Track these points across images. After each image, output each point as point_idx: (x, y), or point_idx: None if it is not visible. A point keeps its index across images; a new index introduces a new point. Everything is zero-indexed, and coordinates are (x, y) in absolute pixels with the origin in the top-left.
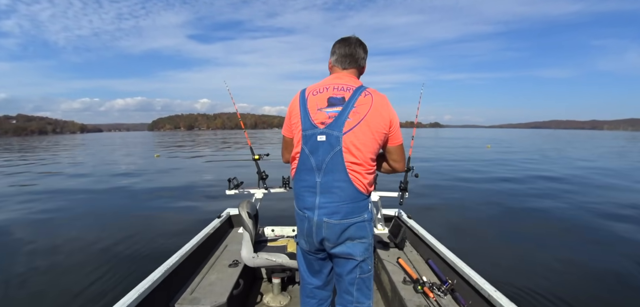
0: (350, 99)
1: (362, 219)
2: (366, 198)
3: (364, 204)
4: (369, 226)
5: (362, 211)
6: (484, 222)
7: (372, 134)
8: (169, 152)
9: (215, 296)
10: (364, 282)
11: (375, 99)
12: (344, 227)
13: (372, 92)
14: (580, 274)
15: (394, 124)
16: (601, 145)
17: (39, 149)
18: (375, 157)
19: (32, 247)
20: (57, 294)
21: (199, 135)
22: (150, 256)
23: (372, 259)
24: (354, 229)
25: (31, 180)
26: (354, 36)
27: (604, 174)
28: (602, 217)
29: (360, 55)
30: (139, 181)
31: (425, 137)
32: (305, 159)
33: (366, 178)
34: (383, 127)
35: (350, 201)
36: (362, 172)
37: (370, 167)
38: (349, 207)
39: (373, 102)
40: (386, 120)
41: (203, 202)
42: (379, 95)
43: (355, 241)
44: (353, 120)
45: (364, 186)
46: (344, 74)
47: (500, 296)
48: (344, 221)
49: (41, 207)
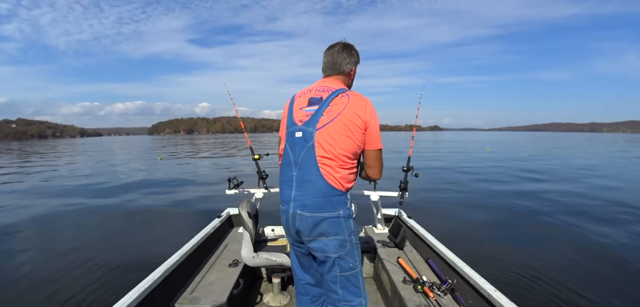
0: (327, 98)
1: (336, 215)
2: (341, 194)
3: (339, 200)
4: (345, 222)
5: (337, 206)
6: (483, 222)
7: (344, 131)
8: (170, 155)
9: (215, 296)
10: (348, 280)
11: (351, 99)
12: (316, 221)
13: (350, 94)
14: (580, 274)
15: (371, 127)
16: (602, 147)
17: (37, 154)
18: (350, 155)
19: (31, 248)
20: (58, 293)
21: (198, 139)
22: (150, 255)
23: (355, 256)
24: (327, 224)
25: (35, 182)
26: (340, 42)
27: (600, 174)
28: (602, 217)
29: (343, 61)
30: (141, 182)
31: (425, 140)
32: (286, 154)
33: (338, 173)
34: (356, 126)
35: (322, 195)
36: (334, 167)
37: (343, 163)
38: (320, 201)
39: (348, 102)
40: (361, 120)
41: (203, 201)
42: (358, 97)
43: (330, 238)
44: (326, 118)
45: (336, 181)
46: (327, 79)
47: (500, 296)
48: (315, 214)
49: (42, 206)
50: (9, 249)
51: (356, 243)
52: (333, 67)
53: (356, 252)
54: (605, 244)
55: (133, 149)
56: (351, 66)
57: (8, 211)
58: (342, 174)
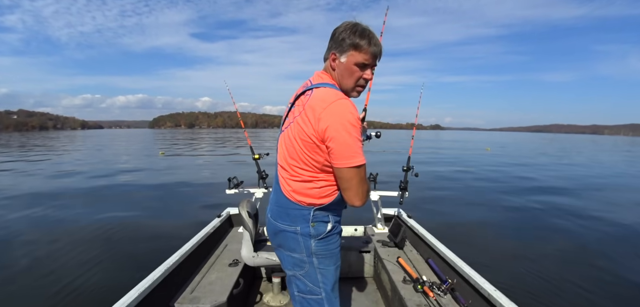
0: (296, 96)
1: (293, 231)
2: (301, 209)
3: (297, 215)
4: (304, 241)
5: (294, 221)
6: (483, 222)
7: (296, 139)
8: (170, 149)
9: (216, 295)
10: (307, 304)
11: (311, 97)
12: (275, 229)
13: (315, 91)
14: (579, 274)
15: (331, 137)
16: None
17: (38, 147)
18: (303, 166)
19: (32, 243)
20: (58, 292)
21: (199, 134)
22: (150, 255)
23: (317, 281)
24: (284, 237)
25: (37, 177)
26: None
27: (602, 176)
28: (602, 219)
29: (328, 47)
30: (143, 178)
31: (425, 139)
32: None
33: (290, 185)
34: (306, 135)
35: (278, 204)
36: (286, 177)
37: (296, 174)
38: (278, 211)
39: (307, 102)
40: (312, 129)
41: (203, 201)
42: (320, 96)
43: (286, 252)
44: (289, 120)
45: (289, 193)
46: (317, 71)
47: (500, 295)
48: (273, 221)
49: (45, 205)
50: (9, 247)
51: (321, 268)
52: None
53: (320, 277)
54: (605, 246)
55: (135, 143)
56: (328, 53)
57: (8, 208)
58: (295, 186)
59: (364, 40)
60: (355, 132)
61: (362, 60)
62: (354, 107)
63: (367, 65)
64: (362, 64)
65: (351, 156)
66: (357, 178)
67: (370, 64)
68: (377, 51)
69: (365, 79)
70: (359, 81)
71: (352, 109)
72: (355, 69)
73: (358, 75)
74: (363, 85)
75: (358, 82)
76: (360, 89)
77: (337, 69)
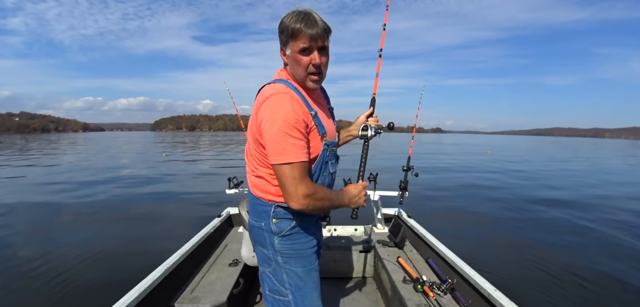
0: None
1: (259, 226)
2: (264, 204)
3: (262, 210)
4: (269, 236)
5: (259, 216)
6: (484, 222)
7: (249, 136)
8: (172, 152)
9: (216, 295)
10: (277, 304)
11: (259, 94)
12: (250, 224)
13: (263, 88)
14: (579, 273)
15: (264, 131)
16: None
17: (35, 151)
18: (259, 164)
19: (32, 245)
20: (58, 290)
21: (200, 136)
22: (150, 255)
23: (283, 281)
24: (254, 233)
25: (40, 176)
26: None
27: (600, 179)
28: (603, 220)
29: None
30: (146, 179)
31: (426, 142)
32: None
33: (251, 180)
34: (254, 131)
35: (249, 199)
36: (248, 172)
37: (255, 170)
38: (248, 206)
39: (256, 98)
40: (256, 123)
41: (203, 201)
42: (262, 91)
43: (257, 246)
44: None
45: (252, 187)
46: (278, 70)
47: (500, 295)
48: (249, 217)
49: (45, 202)
50: (9, 244)
51: (286, 268)
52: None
53: (286, 277)
54: (605, 246)
55: (137, 146)
56: (280, 48)
57: (10, 205)
58: (255, 182)
59: (298, 24)
60: (286, 127)
61: (302, 45)
62: (290, 101)
63: (309, 49)
64: (303, 49)
65: (279, 152)
66: (287, 176)
67: (314, 46)
68: (316, 32)
69: (315, 64)
70: (309, 68)
71: (284, 104)
72: (300, 57)
73: (305, 62)
74: (316, 71)
75: (308, 70)
76: (314, 77)
77: (288, 63)
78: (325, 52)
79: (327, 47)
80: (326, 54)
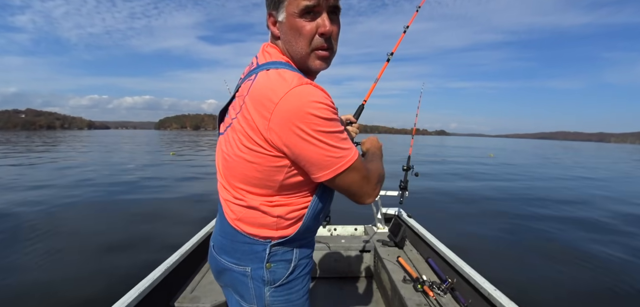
0: (237, 85)
1: (242, 272)
2: (254, 243)
3: (248, 250)
4: (255, 287)
5: (243, 258)
6: (484, 222)
7: (236, 150)
8: (178, 150)
9: (216, 295)
10: None
11: (252, 88)
12: (219, 267)
13: (259, 76)
14: (579, 273)
15: (294, 150)
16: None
17: (44, 148)
18: (253, 188)
19: (34, 243)
20: (58, 290)
21: (204, 136)
22: (149, 254)
23: None
24: (230, 277)
25: (46, 174)
26: None
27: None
28: (603, 220)
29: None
30: (149, 178)
31: (430, 144)
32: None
33: (234, 212)
34: (252, 142)
35: (225, 234)
36: (228, 200)
37: (241, 198)
38: (224, 243)
39: (247, 96)
40: (266, 135)
41: (204, 200)
42: (263, 84)
43: (237, 296)
44: (227, 120)
45: (233, 221)
46: (264, 44)
47: (500, 295)
48: (218, 257)
49: (48, 199)
50: (11, 243)
51: None
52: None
53: None
54: (604, 247)
55: (143, 144)
56: (267, 15)
57: (14, 202)
58: (241, 213)
59: None
60: (330, 125)
61: (305, 3)
62: (315, 90)
63: (316, 10)
64: (306, 8)
65: (337, 159)
66: (357, 177)
67: (323, 5)
68: None
69: (323, 32)
70: (315, 40)
71: (314, 96)
72: (302, 22)
73: (310, 31)
74: (325, 45)
75: (313, 42)
76: (322, 52)
77: (281, 34)
78: (337, 17)
79: (339, 8)
80: (337, 22)
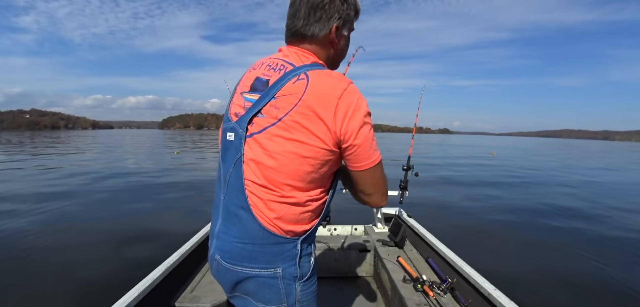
0: (274, 84)
1: (272, 274)
2: (285, 242)
3: (279, 251)
4: (286, 286)
5: (274, 260)
6: (484, 223)
7: (292, 147)
8: (182, 149)
9: (216, 295)
10: None
11: (311, 86)
12: (238, 277)
13: (312, 76)
14: (579, 273)
15: (352, 135)
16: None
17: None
18: (304, 184)
19: (36, 241)
20: (58, 288)
21: (207, 135)
22: (149, 254)
23: None
24: (254, 285)
25: (53, 176)
26: None
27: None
28: (603, 220)
29: (304, 14)
30: (150, 177)
31: (432, 143)
32: (219, 164)
33: (275, 211)
34: (315, 137)
35: (249, 240)
36: (269, 200)
37: (289, 196)
38: (247, 250)
39: (305, 93)
40: (324, 126)
41: (204, 199)
42: (324, 80)
43: (258, 303)
44: (265, 118)
45: (271, 222)
46: (288, 48)
47: (500, 295)
48: (236, 267)
49: (52, 198)
50: (12, 241)
51: None
52: (293, 27)
53: None
54: (604, 246)
55: (147, 143)
56: (329, 24)
57: (18, 200)
58: (283, 213)
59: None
60: (371, 121)
61: (353, 28)
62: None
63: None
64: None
65: (375, 152)
66: (382, 175)
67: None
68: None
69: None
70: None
71: (360, 94)
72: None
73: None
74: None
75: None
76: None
77: (337, 44)
78: None
79: None
80: None
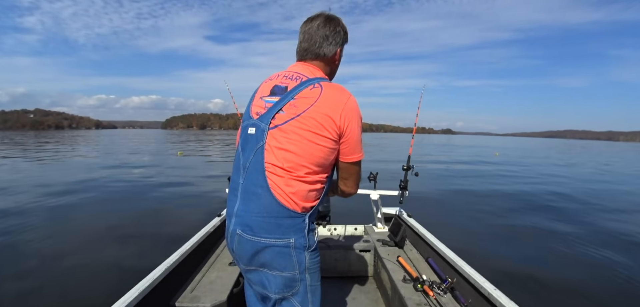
0: (293, 89)
1: (286, 244)
2: (297, 216)
3: (292, 224)
4: (298, 255)
5: (287, 232)
6: (484, 222)
7: (307, 135)
8: (185, 149)
9: (216, 295)
10: None
11: (325, 93)
12: (257, 247)
13: (325, 87)
14: (579, 273)
15: (348, 134)
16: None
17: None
18: (313, 166)
19: (37, 241)
20: (58, 287)
21: (211, 135)
22: (149, 254)
23: (307, 302)
24: (271, 254)
25: (58, 172)
26: (322, 14)
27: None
28: (603, 221)
29: (323, 41)
30: (151, 178)
31: (435, 144)
32: (237, 155)
33: (291, 187)
34: (326, 130)
35: (267, 214)
36: (286, 179)
37: (302, 176)
38: (265, 223)
39: (319, 98)
40: (333, 124)
41: (205, 198)
42: (335, 91)
43: (273, 272)
44: (286, 114)
45: (287, 198)
46: (301, 64)
47: (500, 295)
48: (256, 238)
49: (53, 197)
50: (13, 240)
51: (312, 285)
52: (309, 49)
53: (310, 297)
54: (603, 246)
55: (156, 143)
56: (335, 48)
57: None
58: (297, 189)
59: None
60: (362, 124)
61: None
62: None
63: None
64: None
65: (359, 149)
66: (360, 168)
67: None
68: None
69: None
70: None
71: (356, 102)
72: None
73: None
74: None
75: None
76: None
77: (336, 63)
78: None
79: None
80: None
